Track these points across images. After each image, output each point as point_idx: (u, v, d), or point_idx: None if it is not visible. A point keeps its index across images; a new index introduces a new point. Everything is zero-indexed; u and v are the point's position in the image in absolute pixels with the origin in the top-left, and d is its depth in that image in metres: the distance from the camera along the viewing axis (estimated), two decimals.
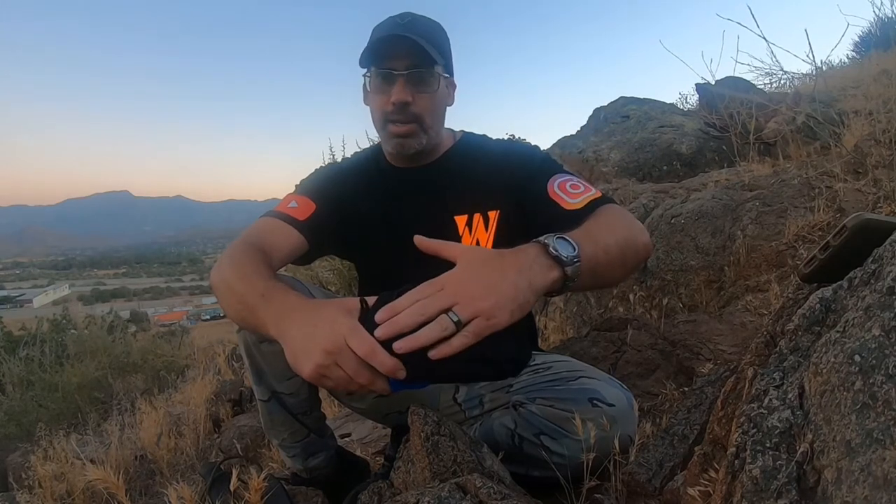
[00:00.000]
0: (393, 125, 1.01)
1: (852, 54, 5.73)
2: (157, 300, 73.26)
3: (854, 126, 2.51)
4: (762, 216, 2.01)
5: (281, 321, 0.70)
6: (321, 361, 0.63)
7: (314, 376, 0.65)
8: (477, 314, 0.63)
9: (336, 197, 1.07)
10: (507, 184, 1.04)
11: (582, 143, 4.64)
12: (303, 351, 0.65)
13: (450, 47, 1.04)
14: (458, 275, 0.66)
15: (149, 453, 2.26)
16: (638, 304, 2.06)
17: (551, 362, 1.02)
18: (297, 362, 0.66)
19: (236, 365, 3.57)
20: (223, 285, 0.82)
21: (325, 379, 0.65)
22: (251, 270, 0.80)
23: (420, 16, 1.00)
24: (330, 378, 0.64)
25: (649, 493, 0.83)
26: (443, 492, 0.69)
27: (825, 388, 0.48)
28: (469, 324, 0.62)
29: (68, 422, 3.49)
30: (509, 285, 0.65)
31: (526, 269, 0.68)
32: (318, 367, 0.63)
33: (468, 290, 0.64)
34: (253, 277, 0.78)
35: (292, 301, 0.72)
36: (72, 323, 5.78)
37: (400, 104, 0.97)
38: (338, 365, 0.63)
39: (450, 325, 0.62)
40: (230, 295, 0.80)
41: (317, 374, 0.64)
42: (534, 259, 0.69)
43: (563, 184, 0.97)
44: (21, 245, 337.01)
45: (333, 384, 0.65)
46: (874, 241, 0.58)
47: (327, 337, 0.64)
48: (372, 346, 0.62)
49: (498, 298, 0.64)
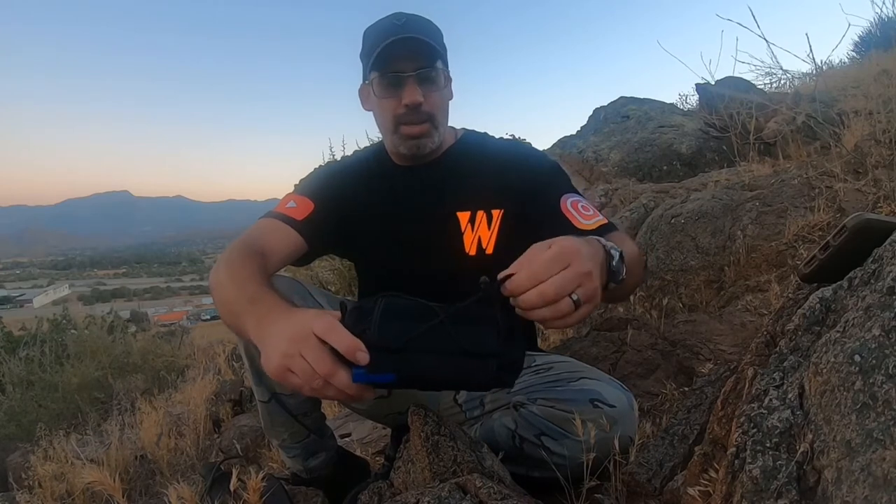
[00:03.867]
0: (406, 126, 1.01)
1: (852, 54, 5.73)
2: (157, 300, 73.21)
3: (854, 126, 2.50)
4: (762, 216, 2.01)
5: (261, 324, 0.70)
6: (286, 350, 0.62)
7: (280, 370, 0.63)
8: (592, 297, 0.63)
9: (335, 196, 1.06)
10: (512, 185, 1.04)
11: (582, 143, 4.64)
12: (273, 344, 0.65)
13: (444, 41, 1.04)
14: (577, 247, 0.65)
15: (149, 453, 2.26)
16: (638, 304, 2.06)
17: (552, 363, 1.02)
18: (267, 359, 0.65)
19: (236, 365, 3.56)
20: (218, 288, 0.82)
21: (290, 374, 0.63)
22: (244, 275, 0.80)
23: (412, 14, 1.00)
24: (294, 371, 0.62)
25: (649, 493, 0.83)
26: (443, 492, 0.69)
27: (825, 388, 0.48)
28: (584, 306, 0.62)
29: (68, 422, 3.49)
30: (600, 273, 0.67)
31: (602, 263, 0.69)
32: (283, 356, 0.62)
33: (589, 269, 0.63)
34: (244, 283, 0.78)
35: (278, 306, 0.71)
36: (72, 323, 5.77)
37: (414, 105, 0.97)
38: (301, 356, 0.62)
39: (571, 309, 0.62)
40: (223, 299, 0.80)
41: (282, 368, 0.63)
42: (604, 258, 0.70)
43: (576, 203, 0.98)
44: (21, 245, 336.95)
45: (298, 380, 0.63)
46: (874, 241, 0.58)
47: (295, 328, 0.64)
48: (332, 323, 0.62)
49: (598, 284, 0.65)
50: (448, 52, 1.03)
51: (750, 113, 3.00)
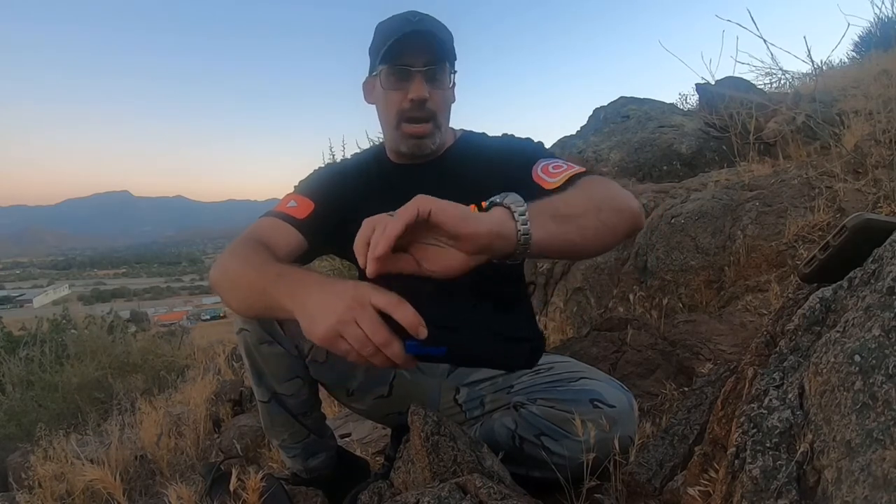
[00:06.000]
0: (408, 125, 1.01)
1: (852, 54, 5.73)
2: (157, 300, 73.21)
3: (854, 126, 2.50)
4: (762, 216, 2.01)
5: (297, 293, 0.70)
6: (342, 316, 0.63)
7: (330, 334, 0.64)
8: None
9: (335, 196, 1.07)
10: (505, 177, 1.04)
11: (582, 143, 4.64)
12: (322, 310, 0.65)
13: (454, 46, 1.04)
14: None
15: (149, 453, 2.25)
16: (638, 304, 2.06)
17: (552, 363, 1.02)
18: (314, 323, 0.65)
19: (236, 365, 3.56)
20: (225, 278, 0.82)
21: (340, 341, 0.64)
22: (261, 259, 0.81)
23: (427, 14, 1.01)
24: (346, 337, 0.63)
25: (649, 493, 0.83)
26: (443, 492, 0.69)
27: (825, 388, 0.48)
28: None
29: (68, 422, 3.49)
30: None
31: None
32: (337, 322, 0.63)
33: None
34: (263, 264, 0.79)
35: (311, 275, 0.72)
36: (72, 323, 5.77)
37: (419, 100, 0.97)
38: (356, 323, 0.62)
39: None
40: (236, 285, 0.80)
41: (333, 333, 0.63)
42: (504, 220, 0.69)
43: (546, 167, 0.96)
44: (21, 245, 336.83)
45: (348, 346, 0.64)
46: (874, 241, 0.58)
47: (351, 294, 0.64)
48: (397, 299, 0.62)
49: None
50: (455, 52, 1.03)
51: (750, 113, 3.00)
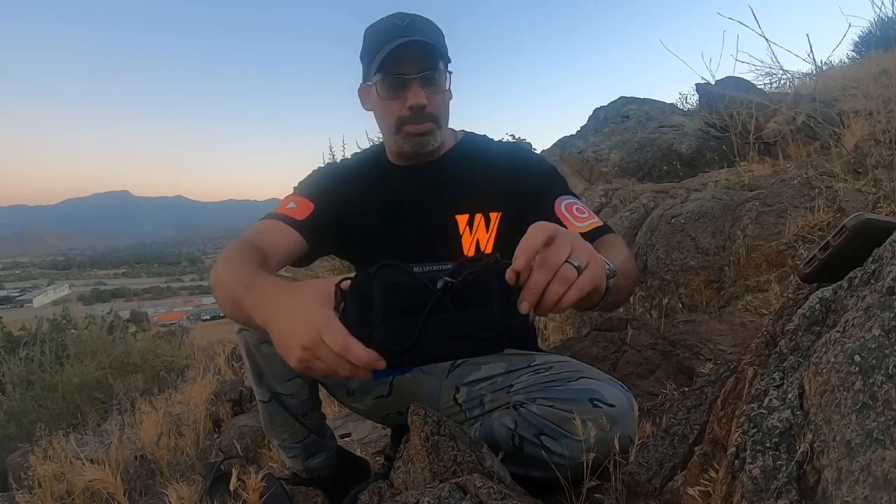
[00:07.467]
0: (410, 125, 1.01)
1: (852, 54, 5.73)
2: (157, 300, 73.17)
3: (854, 126, 2.50)
4: (762, 216, 2.01)
5: (261, 311, 0.70)
6: (301, 357, 0.63)
7: (300, 369, 0.65)
8: (591, 259, 0.62)
9: (335, 196, 1.07)
10: (511, 188, 1.04)
11: (582, 143, 4.63)
12: (284, 345, 0.66)
13: (445, 41, 1.04)
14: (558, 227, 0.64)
15: (149, 453, 2.25)
16: (638, 304, 2.06)
17: (552, 362, 1.02)
18: (282, 354, 0.66)
19: (236, 365, 3.56)
20: (216, 283, 0.83)
21: (311, 371, 0.65)
22: (239, 265, 0.81)
23: (415, 14, 1.01)
24: (314, 369, 0.64)
25: (649, 493, 0.83)
26: (443, 492, 0.69)
27: (825, 388, 0.48)
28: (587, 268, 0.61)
29: (68, 422, 3.49)
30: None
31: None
32: (299, 361, 0.64)
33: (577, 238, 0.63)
34: (239, 271, 0.79)
35: (270, 290, 0.71)
36: (72, 323, 5.77)
37: (418, 108, 0.98)
38: (318, 358, 0.63)
39: (573, 273, 0.60)
40: (223, 292, 0.80)
41: (301, 367, 0.65)
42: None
43: (571, 206, 0.98)
44: (21, 245, 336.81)
45: (321, 374, 0.65)
46: (874, 241, 0.58)
47: (302, 332, 0.63)
48: (345, 341, 0.61)
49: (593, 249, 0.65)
50: (447, 49, 1.03)
51: (750, 113, 3.00)
